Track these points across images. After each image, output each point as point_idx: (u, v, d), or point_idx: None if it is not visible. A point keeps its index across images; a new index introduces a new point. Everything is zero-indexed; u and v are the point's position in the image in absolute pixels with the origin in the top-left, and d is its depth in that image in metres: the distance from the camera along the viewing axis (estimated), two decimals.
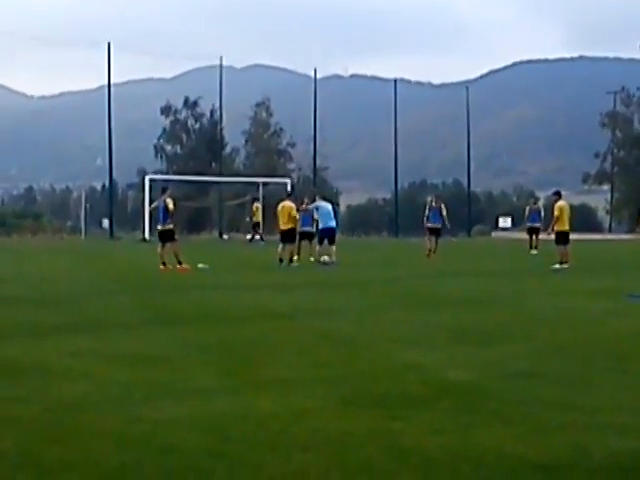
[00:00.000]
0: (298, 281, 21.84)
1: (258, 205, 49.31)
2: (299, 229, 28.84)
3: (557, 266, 26.07)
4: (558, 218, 26.86)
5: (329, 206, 28.98)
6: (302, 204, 29.79)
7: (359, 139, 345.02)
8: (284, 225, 28.02)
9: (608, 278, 23.56)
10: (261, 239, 48.54)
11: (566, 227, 26.92)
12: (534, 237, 37.20)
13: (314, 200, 29.17)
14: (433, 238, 33.10)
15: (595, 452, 5.69)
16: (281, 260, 27.53)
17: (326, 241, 28.03)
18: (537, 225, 37.43)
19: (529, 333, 11.87)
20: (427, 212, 33.59)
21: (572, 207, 29.71)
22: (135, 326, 12.55)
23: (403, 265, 29.85)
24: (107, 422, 6.55)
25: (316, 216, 28.73)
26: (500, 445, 5.87)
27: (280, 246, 27.99)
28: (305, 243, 29.21)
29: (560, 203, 27.21)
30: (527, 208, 39.30)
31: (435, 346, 10.58)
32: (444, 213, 33.82)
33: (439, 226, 33.75)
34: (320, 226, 28.46)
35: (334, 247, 27.78)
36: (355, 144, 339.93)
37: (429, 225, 33.42)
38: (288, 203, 28.70)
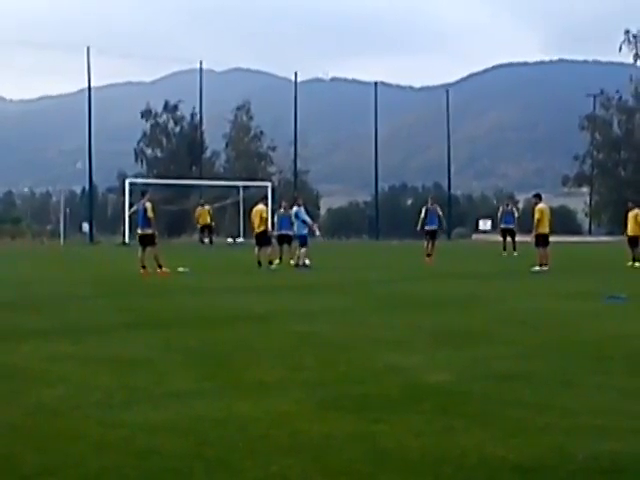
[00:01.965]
0: (278, 284, 21.82)
1: (201, 208, 48.96)
2: (277, 232, 29.00)
3: (537, 268, 26.12)
4: (539, 221, 26.90)
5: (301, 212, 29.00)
6: (280, 207, 29.88)
7: (340, 142, 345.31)
8: (257, 228, 28.51)
9: (588, 280, 23.65)
10: (210, 242, 48.20)
11: (546, 230, 26.98)
12: (509, 239, 37.14)
13: (294, 204, 29.16)
14: (430, 240, 33.09)
15: (576, 454, 5.70)
16: (259, 263, 27.54)
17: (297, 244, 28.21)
18: (511, 227, 37.38)
19: (510, 335, 11.89)
20: (423, 214, 33.60)
21: (552, 209, 29.77)
22: (115, 330, 12.49)
23: (384, 267, 29.85)
24: (86, 426, 6.51)
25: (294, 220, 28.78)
26: (481, 447, 5.86)
27: (256, 249, 28.08)
28: (286, 247, 29.28)
29: (540, 206, 27.25)
30: (500, 209, 39.13)
31: (416, 348, 10.58)
32: (440, 214, 34.00)
33: (435, 228, 33.84)
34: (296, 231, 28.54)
35: (302, 250, 27.85)
36: (336, 147, 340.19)
37: (426, 228, 33.42)
38: (260, 206, 29.00)
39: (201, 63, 71.03)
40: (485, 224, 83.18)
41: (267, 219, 29.00)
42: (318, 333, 12.11)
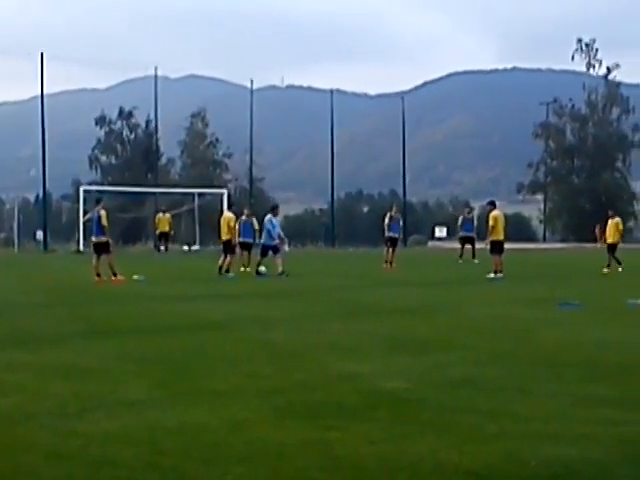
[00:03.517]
0: (235, 291, 21.77)
1: (161, 215, 48.79)
2: (239, 239, 29.05)
3: (492, 275, 26.29)
4: (493, 228, 27.09)
5: (266, 220, 28.74)
6: (242, 214, 29.86)
7: (296, 149, 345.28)
8: (224, 235, 28.42)
9: (542, 287, 23.83)
10: (165, 249, 47.98)
11: (501, 237, 27.17)
12: (468, 246, 37.38)
13: (273, 211, 28.94)
14: (391, 248, 33.07)
15: (529, 460, 5.74)
16: (220, 270, 27.51)
17: (270, 252, 27.91)
18: (471, 235, 37.63)
19: (465, 342, 11.95)
20: (387, 222, 33.58)
21: (506, 217, 30.02)
22: (69, 338, 12.40)
23: (340, 275, 29.88)
24: (40, 436, 6.47)
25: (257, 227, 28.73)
26: (435, 453, 5.89)
27: (222, 257, 28.08)
28: (245, 254, 29.41)
29: (495, 213, 27.47)
30: (461, 217, 39.32)
31: (371, 355, 10.60)
32: (401, 224, 34.16)
33: (397, 236, 33.93)
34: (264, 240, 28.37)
35: (276, 258, 27.56)
36: (292, 154, 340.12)
37: (390, 235, 33.45)
38: (228, 214, 28.98)
39: (156, 70, 70.73)
40: (441, 231, 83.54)
41: (234, 227, 28.86)
42: (274, 340, 12.10)
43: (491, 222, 27.23)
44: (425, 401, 7.72)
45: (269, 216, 28.62)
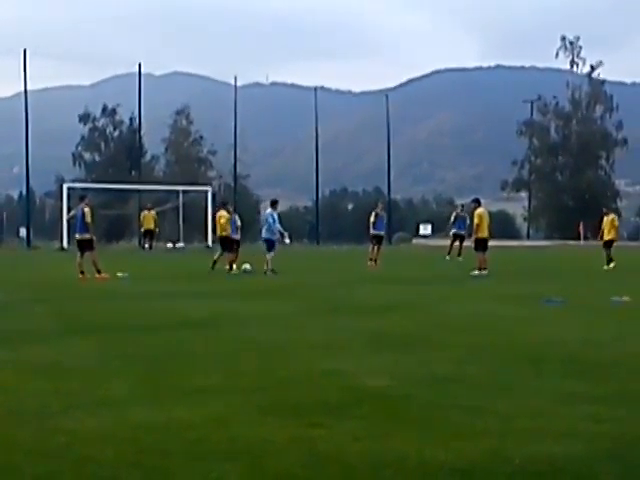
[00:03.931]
0: (218, 289, 21.73)
1: (147, 212, 48.62)
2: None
3: (476, 272, 26.35)
4: (478, 225, 27.17)
5: (267, 215, 28.63)
6: (228, 212, 29.91)
7: (280, 147, 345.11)
8: (219, 233, 28.78)
9: (526, 284, 23.88)
10: (149, 247, 47.86)
11: (485, 234, 27.24)
12: (456, 244, 37.29)
13: (273, 206, 28.86)
14: (376, 245, 33.08)
15: (513, 457, 5.75)
16: (213, 265, 27.82)
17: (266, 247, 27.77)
18: (462, 232, 37.51)
19: (448, 339, 11.96)
20: (372, 219, 33.56)
21: (490, 214, 30.08)
22: (52, 336, 12.36)
23: (324, 272, 29.88)
24: (22, 434, 6.44)
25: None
26: (419, 450, 5.89)
27: (218, 253, 28.42)
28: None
29: (480, 210, 27.56)
30: (454, 214, 38.96)
31: (355, 353, 10.60)
32: (385, 221, 34.18)
33: (382, 234, 34.00)
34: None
35: (267, 255, 27.43)
36: (276, 152, 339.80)
37: (375, 232, 33.44)
38: (222, 212, 28.99)
39: (140, 66, 70.42)
40: (425, 229, 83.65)
41: (226, 224, 28.81)
42: (257, 338, 12.09)
43: (476, 220, 27.33)
44: (409, 398, 7.73)
45: (270, 210, 28.56)
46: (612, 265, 29.89)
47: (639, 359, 10.19)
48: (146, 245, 48.49)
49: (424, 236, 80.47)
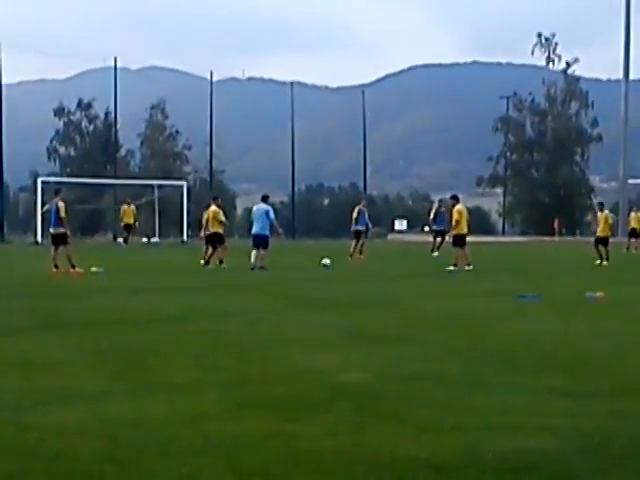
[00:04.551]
0: (194, 284, 21.68)
1: (127, 207, 48.53)
2: (206, 232, 29.09)
3: (452, 268, 26.41)
4: (458, 222, 27.29)
5: (261, 209, 27.74)
6: (206, 208, 29.86)
7: (256, 142, 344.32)
8: (212, 228, 28.30)
9: (501, 280, 23.98)
10: (124, 241, 47.77)
11: (464, 230, 27.35)
12: (438, 239, 37.27)
13: (265, 201, 28.37)
14: (358, 241, 33.21)
15: (486, 452, 5.77)
16: (207, 262, 27.80)
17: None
18: (442, 228, 37.50)
19: (423, 335, 11.99)
20: (355, 215, 33.84)
21: (468, 210, 30.16)
22: (25, 331, 12.30)
23: (300, 267, 29.86)
24: None
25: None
26: (394, 446, 5.90)
27: (209, 249, 28.27)
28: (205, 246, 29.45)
29: (459, 207, 27.73)
30: (434, 211, 38.90)
31: (330, 348, 10.60)
32: (366, 216, 34.30)
33: (363, 229, 34.32)
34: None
35: (261, 251, 27.07)
36: (252, 147, 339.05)
37: (358, 228, 33.66)
38: (214, 208, 28.65)
39: (116, 60, 70.19)
40: (401, 224, 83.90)
41: (221, 220, 28.51)
42: (233, 333, 12.08)
43: (455, 216, 27.47)
44: (384, 394, 7.74)
45: (264, 205, 27.69)
46: (598, 262, 29.93)
47: (613, 355, 10.23)
48: (119, 239, 48.28)
49: (400, 231, 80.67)
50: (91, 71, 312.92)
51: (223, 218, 28.85)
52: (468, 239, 27.85)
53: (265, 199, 28.16)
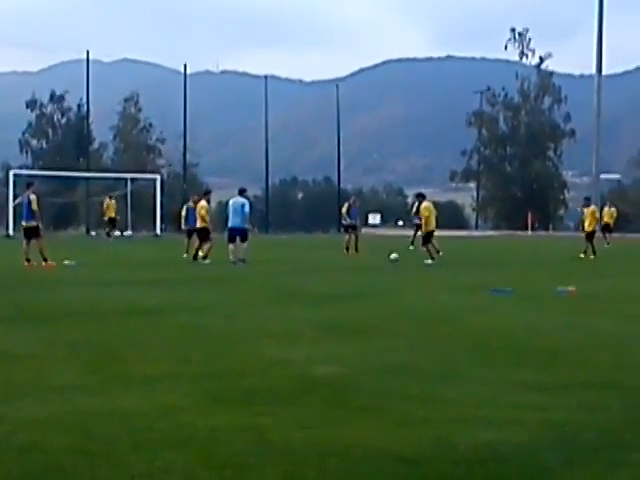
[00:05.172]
0: (167, 277, 21.64)
1: (108, 201, 48.37)
2: (186, 226, 29.15)
3: (430, 261, 26.76)
4: (428, 218, 27.57)
5: (238, 202, 27.71)
6: (190, 201, 29.87)
7: (230, 135, 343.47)
8: (199, 223, 28.18)
9: (474, 274, 24.06)
10: (107, 235, 47.63)
11: (433, 227, 27.64)
12: (419, 234, 37.47)
13: (243, 194, 28.22)
14: (352, 235, 33.87)
15: (458, 444, 5.80)
16: (195, 256, 27.67)
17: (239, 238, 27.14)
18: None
19: (397, 328, 12.03)
20: (345, 210, 34.76)
21: (440, 204, 30.44)
22: None
23: (273, 261, 29.86)
24: None
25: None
26: (366, 439, 5.92)
27: (196, 244, 28.31)
28: (187, 240, 29.69)
29: (426, 204, 28.25)
30: (415, 205, 39.02)
31: (304, 341, 10.62)
32: (357, 212, 35.40)
33: (355, 223, 35.18)
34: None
35: (241, 244, 27.01)
36: (226, 140, 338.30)
37: (349, 222, 34.49)
38: (203, 203, 28.49)
39: (88, 53, 69.82)
40: (374, 218, 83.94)
41: (206, 215, 28.24)
42: (207, 326, 12.07)
43: (425, 213, 27.74)
44: (357, 387, 7.76)
45: (241, 199, 27.65)
46: (583, 255, 30.60)
47: (584, 348, 10.30)
48: (110, 232, 48.04)
49: (373, 225, 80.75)
50: (64, 63, 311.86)
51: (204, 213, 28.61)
52: (441, 233, 28.06)
53: (242, 192, 28.10)
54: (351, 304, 15.47)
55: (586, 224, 32.03)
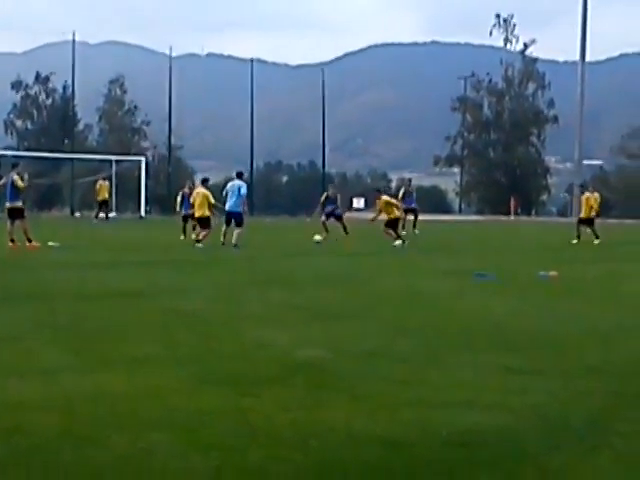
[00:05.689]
0: (152, 259, 21.61)
1: (102, 183, 48.28)
2: (183, 212, 30.07)
3: (398, 242, 27.31)
4: (393, 206, 28.61)
5: (235, 185, 27.36)
6: (185, 187, 30.11)
7: (215, 118, 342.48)
8: (203, 211, 27.79)
9: (457, 258, 24.11)
10: (96, 217, 47.55)
11: (395, 214, 28.39)
12: (410, 217, 37.64)
13: (241, 177, 28.01)
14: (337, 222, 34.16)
15: (441, 428, 5.84)
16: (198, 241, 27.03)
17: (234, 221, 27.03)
18: (413, 206, 37.88)
19: (380, 312, 12.08)
20: (323, 199, 35.34)
21: (423, 189, 30.78)
22: None
23: (258, 245, 29.85)
24: None
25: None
26: (349, 421, 5.96)
27: (197, 229, 28.31)
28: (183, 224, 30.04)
29: (385, 197, 29.61)
30: (402, 190, 39.08)
31: (287, 325, 10.65)
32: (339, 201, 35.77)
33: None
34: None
35: (237, 229, 26.85)
36: (211, 123, 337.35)
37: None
38: (203, 190, 28.23)
39: (74, 34, 69.59)
40: (359, 202, 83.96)
41: (203, 203, 27.82)
42: (192, 309, 12.08)
43: (390, 202, 28.59)
44: (340, 370, 7.80)
45: (238, 182, 27.36)
46: (575, 241, 30.93)
47: (566, 333, 10.36)
48: (102, 215, 47.75)
49: (357, 209, 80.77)
50: (50, 45, 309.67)
51: (213, 200, 28.20)
52: (424, 217, 28.33)
53: (240, 175, 28.05)
54: (332, 288, 15.50)
55: (584, 210, 32.31)
